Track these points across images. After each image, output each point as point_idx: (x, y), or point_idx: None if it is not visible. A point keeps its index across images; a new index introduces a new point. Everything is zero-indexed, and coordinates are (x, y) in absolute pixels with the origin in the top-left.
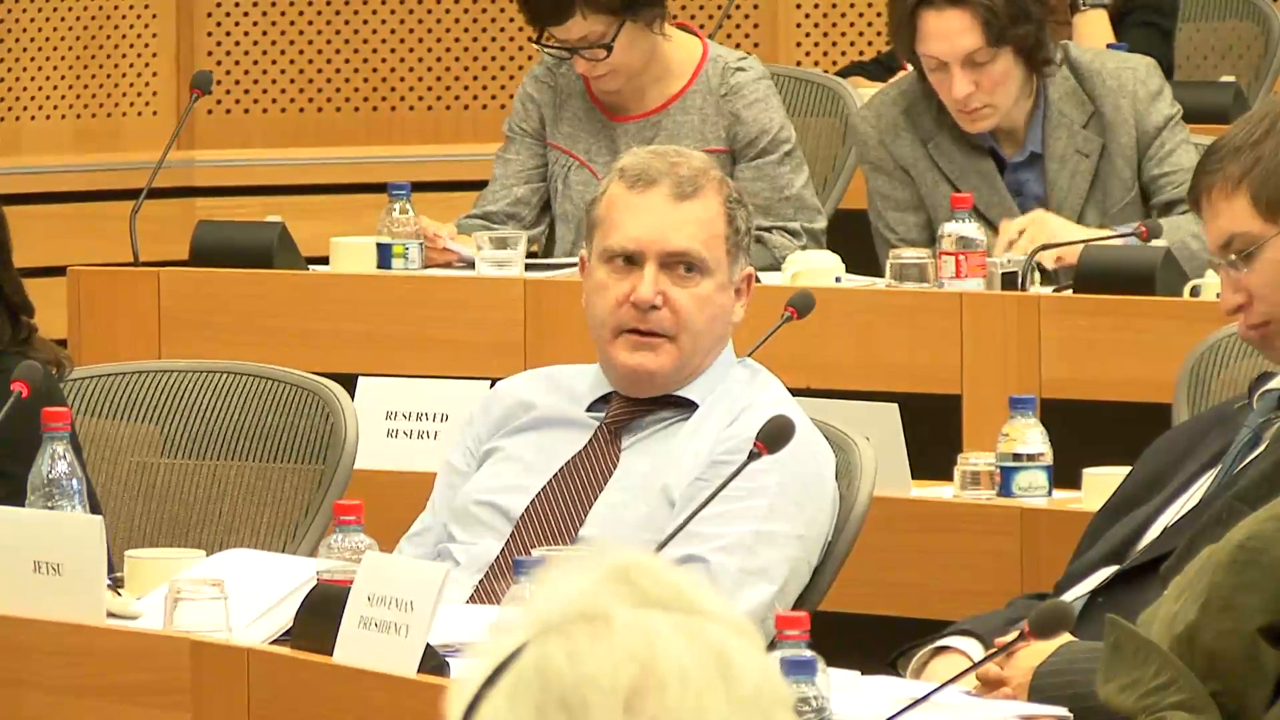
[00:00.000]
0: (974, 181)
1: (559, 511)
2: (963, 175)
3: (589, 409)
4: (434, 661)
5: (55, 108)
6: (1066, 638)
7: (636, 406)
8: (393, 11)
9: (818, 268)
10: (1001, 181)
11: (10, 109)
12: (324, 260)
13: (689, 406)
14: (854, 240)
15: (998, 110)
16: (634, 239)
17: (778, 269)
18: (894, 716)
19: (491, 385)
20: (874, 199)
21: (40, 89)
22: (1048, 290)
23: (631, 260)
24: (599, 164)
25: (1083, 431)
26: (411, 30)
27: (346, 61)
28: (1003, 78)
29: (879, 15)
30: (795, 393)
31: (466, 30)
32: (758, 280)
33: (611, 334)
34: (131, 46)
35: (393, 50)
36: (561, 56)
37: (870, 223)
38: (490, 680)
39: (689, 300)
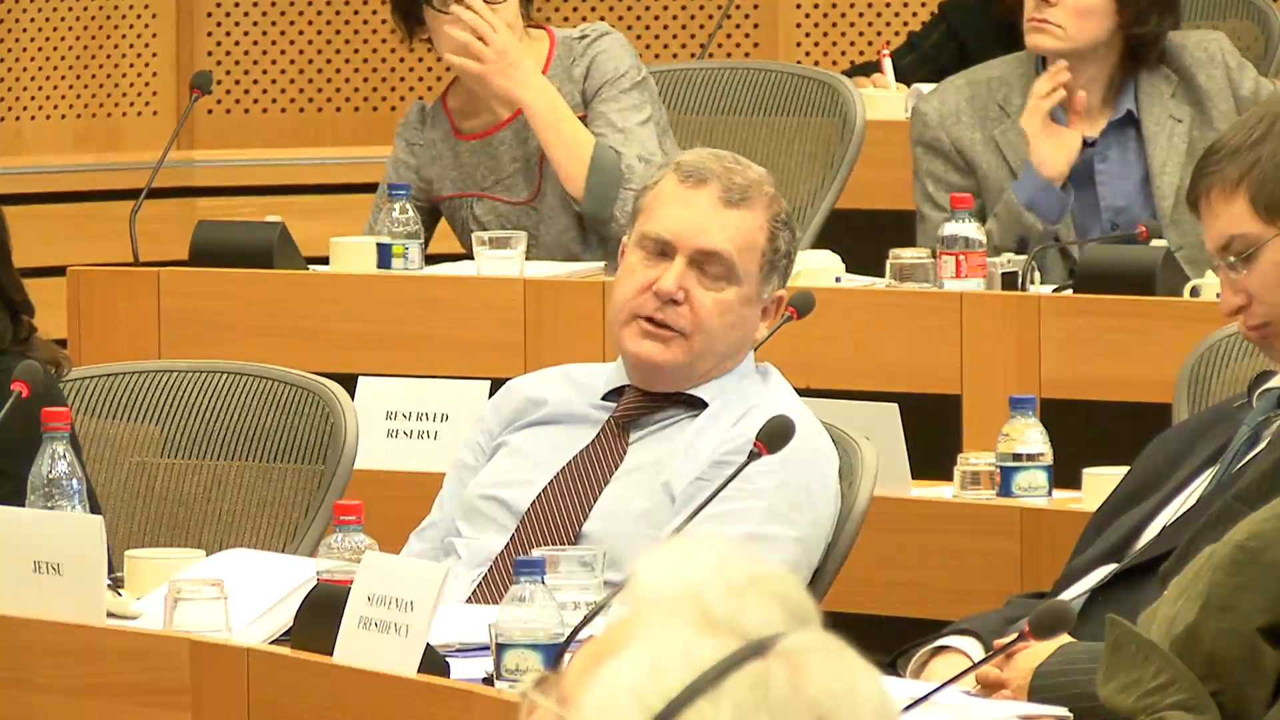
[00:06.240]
0: None
1: (563, 506)
2: (1024, 164)
3: (602, 401)
4: (434, 661)
5: (55, 108)
6: (1066, 638)
7: (647, 401)
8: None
9: (818, 268)
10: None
11: (10, 109)
12: (324, 260)
13: (699, 405)
14: (854, 240)
15: (1063, 37)
16: (671, 230)
17: None
18: None
19: (491, 385)
20: (925, 180)
21: (40, 89)
22: (1048, 290)
23: (664, 251)
24: (487, 187)
25: (1083, 431)
26: None
27: (346, 61)
28: (1091, 10)
29: (879, 15)
30: (795, 393)
31: None
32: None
33: (626, 318)
34: (131, 47)
35: (393, 50)
36: (443, 10)
37: (915, 205)
38: (697, 689)
39: (711, 303)
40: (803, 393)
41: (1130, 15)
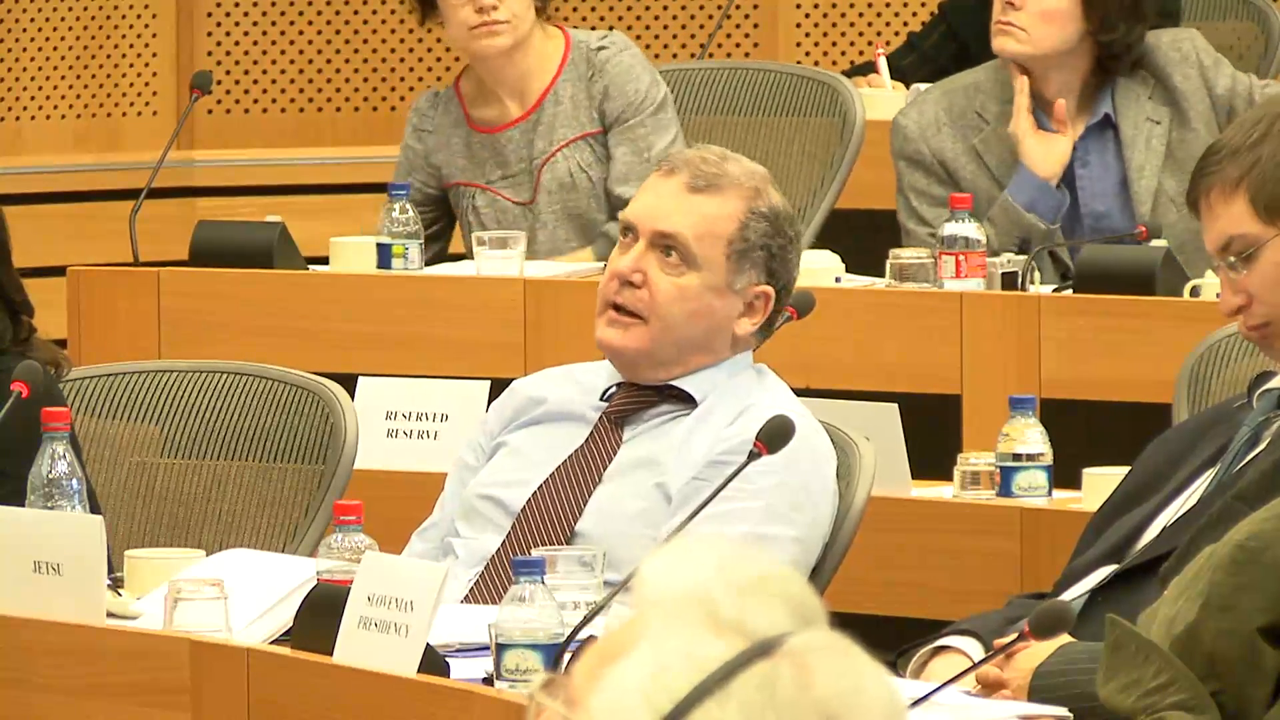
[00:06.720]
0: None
1: (557, 505)
2: (1007, 173)
3: (601, 400)
4: (434, 661)
5: (55, 108)
6: (1066, 638)
7: (639, 397)
8: (393, 11)
9: (818, 268)
10: None
11: (10, 109)
12: (324, 260)
13: (689, 401)
14: (854, 240)
15: (1026, 41)
16: (634, 212)
17: None
18: None
19: (492, 385)
20: (908, 195)
21: (40, 89)
22: (1048, 290)
23: (632, 236)
24: (493, 181)
25: (1083, 431)
26: (411, 30)
27: (346, 61)
28: (1055, 15)
29: (879, 15)
30: (795, 393)
31: None
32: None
33: (600, 309)
34: (131, 47)
35: (393, 50)
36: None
37: (899, 220)
38: (704, 690)
39: (668, 286)
40: (802, 393)
41: (1097, 22)
